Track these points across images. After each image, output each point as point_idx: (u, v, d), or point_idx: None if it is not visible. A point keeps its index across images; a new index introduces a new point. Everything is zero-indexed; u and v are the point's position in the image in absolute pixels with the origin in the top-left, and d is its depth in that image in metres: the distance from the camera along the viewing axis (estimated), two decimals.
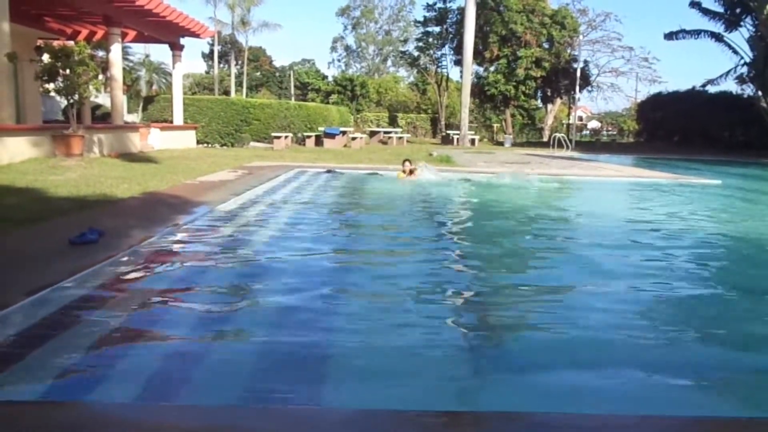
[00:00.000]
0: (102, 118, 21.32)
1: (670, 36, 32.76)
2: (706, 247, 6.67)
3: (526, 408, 2.61)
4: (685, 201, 10.87)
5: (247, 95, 46.04)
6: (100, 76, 13.18)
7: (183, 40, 19.67)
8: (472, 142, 30.55)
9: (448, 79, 39.72)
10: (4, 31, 10.94)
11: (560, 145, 27.05)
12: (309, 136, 23.76)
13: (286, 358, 3.12)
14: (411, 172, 11.65)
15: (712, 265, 5.85)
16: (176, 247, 5.48)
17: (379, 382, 2.86)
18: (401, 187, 11.11)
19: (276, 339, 3.38)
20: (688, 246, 6.63)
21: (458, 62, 35.67)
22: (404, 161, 12.00)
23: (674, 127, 33.34)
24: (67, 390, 2.73)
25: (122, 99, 18.24)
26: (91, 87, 12.10)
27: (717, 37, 31.73)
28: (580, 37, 34.43)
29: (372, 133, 29.79)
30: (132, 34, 18.70)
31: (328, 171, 13.23)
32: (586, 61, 35.98)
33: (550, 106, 40.39)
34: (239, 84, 49.66)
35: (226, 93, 46.28)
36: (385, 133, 29.35)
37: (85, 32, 18.63)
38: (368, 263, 5.39)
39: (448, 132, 33.67)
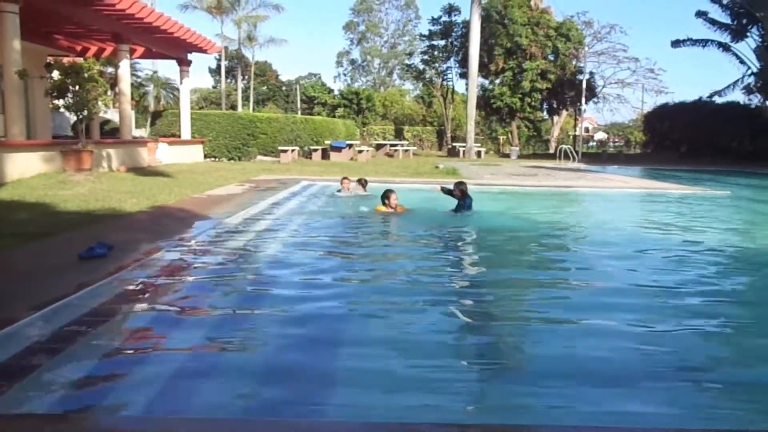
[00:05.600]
0: (111, 133, 21.53)
1: (677, 43, 32.89)
2: (718, 260, 6.61)
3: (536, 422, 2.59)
4: (694, 212, 10.80)
5: (253, 109, 46.36)
6: (109, 92, 13.30)
7: (190, 56, 19.89)
8: (479, 154, 30.61)
9: (453, 91, 39.84)
10: (16, 48, 11.11)
11: (567, 157, 27.04)
12: (315, 150, 23.88)
13: (290, 371, 3.12)
14: (395, 206, 8.71)
15: (725, 280, 5.73)
16: (183, 260, 5.50)
17: (388, 396, 2.85)
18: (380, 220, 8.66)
19: (281, 352, 3.39)
20: (698, 258, 6.59)
21: (464, 75, 35.84)
22: (387, 193, 8.78)
23: (681, 138, 33.25)
24: (75, 403, 2.74)
25: (131, 114, 18.40)
26: (100, 102, 12.21)
27: (724, 47, 31.81)
28: (586, 48, 34.54)
29: (378, 146, 29.91)
30: (140, 50, 18.93)
31: (360, 183, 11.16)
32: (591, 73, 36.08)
33: (556, 117, 40.39)
34: (246, 98, 50.00)
35: (233, 107, 46.60)
36: (392, 146, 29.47)
37: (94, 49, 18.89)
38: (376, 286, 5.38)
39: (454, 144, 33.74)
